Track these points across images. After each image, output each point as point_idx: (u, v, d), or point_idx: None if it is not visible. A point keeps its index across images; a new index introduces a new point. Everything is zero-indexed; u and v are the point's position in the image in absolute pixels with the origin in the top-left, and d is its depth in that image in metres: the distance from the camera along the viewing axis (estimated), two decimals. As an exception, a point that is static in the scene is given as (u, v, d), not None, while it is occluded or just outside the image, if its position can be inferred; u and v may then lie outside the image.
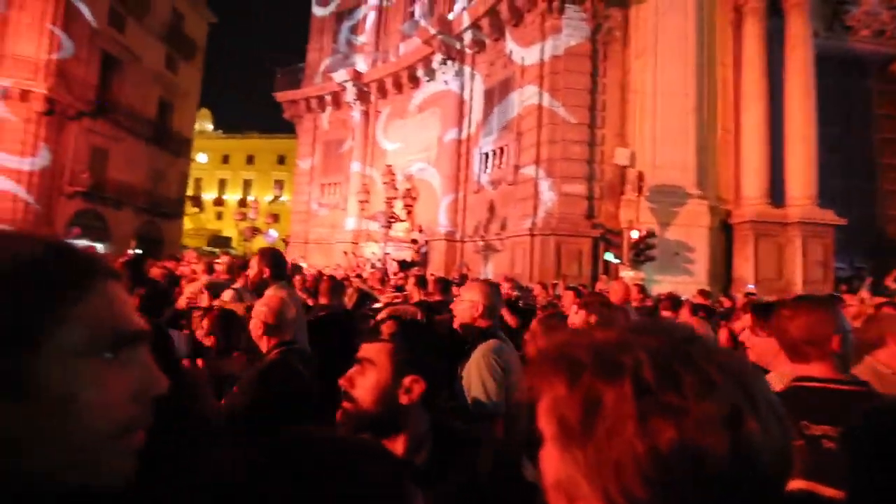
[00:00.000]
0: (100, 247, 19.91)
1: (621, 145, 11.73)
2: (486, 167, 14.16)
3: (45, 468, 0.42)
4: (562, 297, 6.58)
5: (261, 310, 2.19)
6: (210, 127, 43.83)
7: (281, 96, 21.00)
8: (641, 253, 9.93)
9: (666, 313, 4.94)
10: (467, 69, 15.36)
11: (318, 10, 21.63)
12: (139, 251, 19.72)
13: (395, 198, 12.64)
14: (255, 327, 2.15)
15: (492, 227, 13.50)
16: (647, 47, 11.81)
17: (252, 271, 3.15)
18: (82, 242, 19.34)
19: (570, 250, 11.36)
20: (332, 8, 21.28)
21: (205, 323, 2.72)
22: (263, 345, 2.13)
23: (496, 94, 14.01)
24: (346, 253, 16.11)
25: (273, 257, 3.08)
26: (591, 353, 0.44)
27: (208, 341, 2.64)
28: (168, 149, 24.53)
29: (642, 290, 6.21)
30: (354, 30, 20.30)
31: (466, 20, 14.49)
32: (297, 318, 2.76)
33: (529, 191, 12.14)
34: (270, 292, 3.10)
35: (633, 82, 11.97)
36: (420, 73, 16.76)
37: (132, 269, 4.67)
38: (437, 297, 4.92)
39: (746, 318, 4.14)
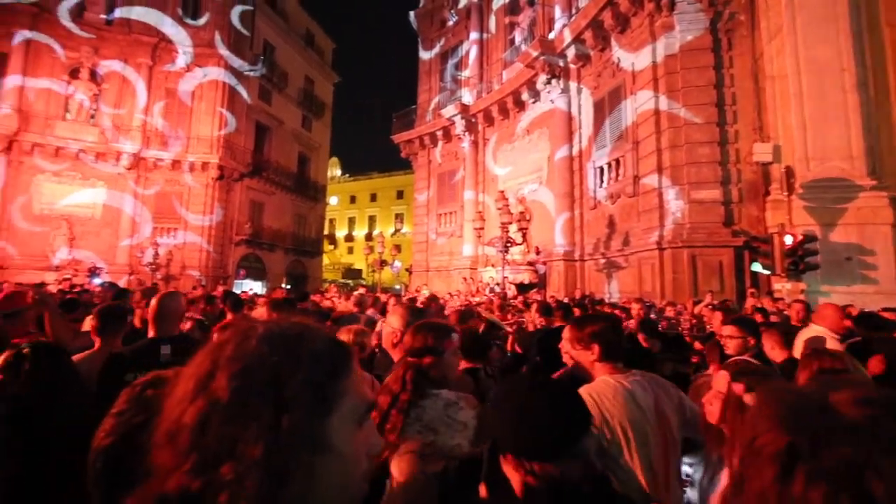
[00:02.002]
0: (259, 284, 23.47)
1: (760, 140, 10.37)
2: (602, 181, 13.58)
3: None
4: (708, 318, 5.98)
5: None
6: (338, 172, 49.22)
7: (397, 138, 22.82)
8: (800, 261, 8.53)
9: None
10: (573, 85, 15.09)
11: (424, 55, 23.29)
12: (288, 286, 22.74)
13: (509, 222, 12.75)
14: None
15: (613, 243, 12.81)
16: (783, 25, 10.39)
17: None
18: (248, 282, 23.04)
19: (708, 263, 10.23)
20: (436, 50, 22.73)
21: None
22: None
23: (606, 106, 13.49)
24: (465, 279, 16.60)
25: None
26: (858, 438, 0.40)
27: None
28: (307, 196, 28.26)
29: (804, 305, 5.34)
30: (459, 66, 21.37)
31: (568, 36, 14.34)
32: None
33: (653, 201, 11.32)
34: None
35: (769, 68, 10.58)
36: (525, 96, 16.91)
37: (293, 306, 5.43)
38: (559, 323, 4.86)
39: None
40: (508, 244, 12.66)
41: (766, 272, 9.25)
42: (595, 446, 1.10)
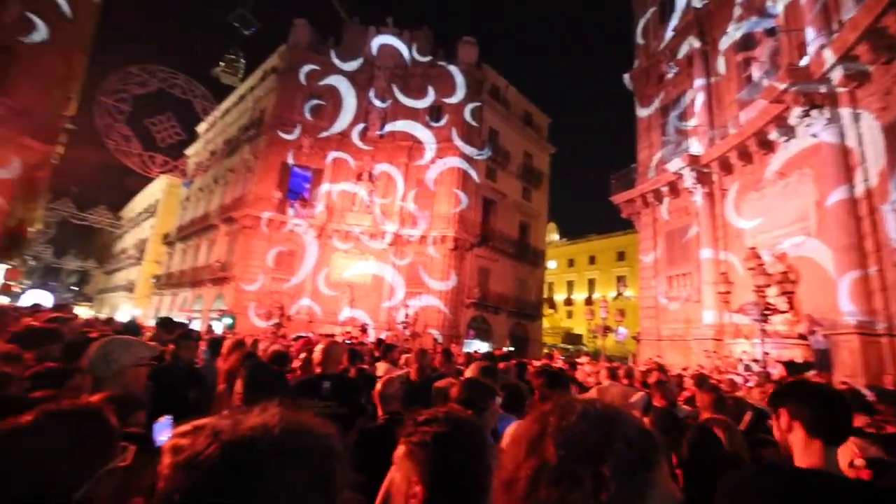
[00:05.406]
0: (485, 345, 25.19)
1: None
2: (912, 227, 10.13)
3: None
4: None
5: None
6: (556, 237, 50.25)
7: (617, 198, 22.18)
8: None
9: None
10: (845, 111, 12.16)
11: (641, 112, 22.58)
12: (511, 348, 23.71)
13: (766, 284, 10.60)
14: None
15: (944, 311, 9.17)
16: None
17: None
18: (476, 342, 25.09)
19: None
20: (655, 105, 21.79)
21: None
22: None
23: (906, 130, 10.33)
24: (707, 352, 14.27)
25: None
26: None
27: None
28: (527, 262, 29.72)
29: None
30: (682, 117, 19.88)
31: (831, 57, 11.85)
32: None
33: None
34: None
35: None
36: (773, 135, 14.41)
37: (520, 370, 5.80)
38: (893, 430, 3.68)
39: None
40: (767, 311, 10.49)
41: None
42: None
